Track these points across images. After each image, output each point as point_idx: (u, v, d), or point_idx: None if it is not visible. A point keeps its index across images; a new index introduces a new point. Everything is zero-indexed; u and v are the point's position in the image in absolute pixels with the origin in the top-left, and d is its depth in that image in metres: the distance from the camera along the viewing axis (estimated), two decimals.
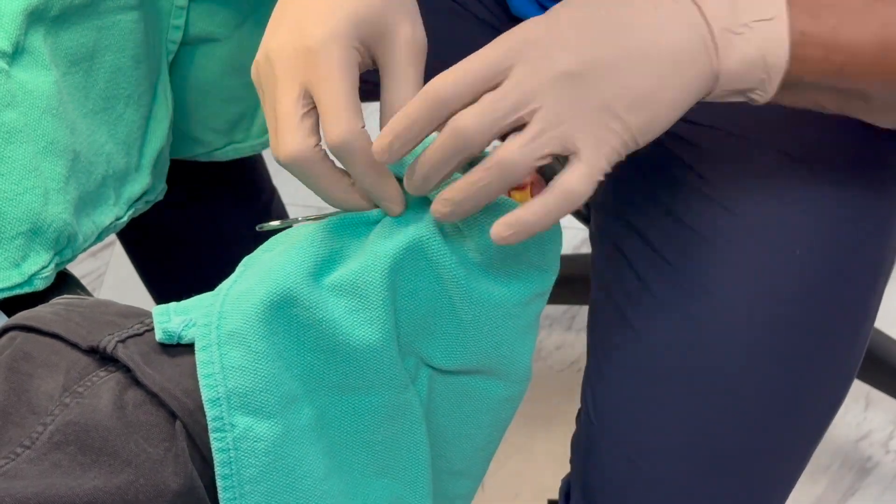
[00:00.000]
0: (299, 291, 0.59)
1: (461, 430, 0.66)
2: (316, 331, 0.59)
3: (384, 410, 0.61)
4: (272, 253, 0.62)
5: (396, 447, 0.63)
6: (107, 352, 0.59)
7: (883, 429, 1.47)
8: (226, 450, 0.57)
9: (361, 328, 0.59)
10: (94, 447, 0.55)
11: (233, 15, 0.90)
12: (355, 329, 0.59)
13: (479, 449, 0.68)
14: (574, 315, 1.55)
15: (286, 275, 0.59)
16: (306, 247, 0.60)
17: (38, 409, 0.57)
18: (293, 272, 0.59)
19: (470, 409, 0.65)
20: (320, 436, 0.61)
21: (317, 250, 0.60)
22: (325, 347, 0.59)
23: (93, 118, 0.80)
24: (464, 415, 0.65)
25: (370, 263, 0.59)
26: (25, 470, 0.54)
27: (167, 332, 0.60)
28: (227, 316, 0.59)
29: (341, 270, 0.60)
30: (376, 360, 0.60)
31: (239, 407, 0.57)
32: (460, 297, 0.61)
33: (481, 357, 0.63)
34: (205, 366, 0.58)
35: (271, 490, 0.58)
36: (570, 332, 1.53)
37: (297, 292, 0.59)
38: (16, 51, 0.74)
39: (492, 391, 0.65)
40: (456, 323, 0.61)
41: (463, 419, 0.65)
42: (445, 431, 0.65)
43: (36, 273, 0.72)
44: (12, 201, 0.71)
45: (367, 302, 0.59)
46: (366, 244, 0.61)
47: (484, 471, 0.70)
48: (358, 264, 0.60)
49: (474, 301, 0.61)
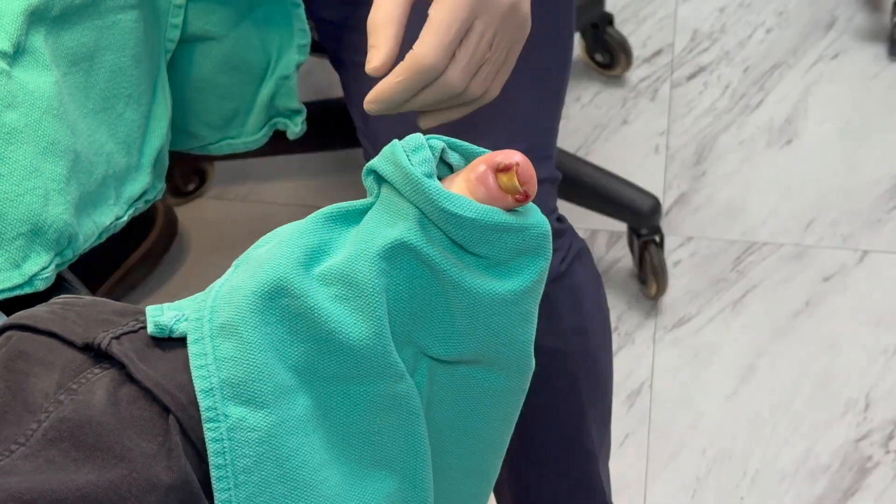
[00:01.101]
0: (290, 281, 0.59)
1: (466, 423, 0.65)
2: (308, 320, 0.59)
3: (380, 400, 0.61)
4: (262, 249, 0.62)
5: (394, 438, 0.62)
6: (101, 348, 0.59)
7: (883, 429, 1.47)
8: (219, 440, 0.57)
9: (352, 317, 0.59)
10: (88, 443, 0.55)
11: (230, 14, 0.90)
12: (347, 318, 0.59)
13: (487, 445, 0.67)
14: None
15: (276, 266, 0.59)
16: (296, 239, 0.60)
17: (33, 406, 0.57)
18: (283, 263, 0.59)
19: (472, 402, 0.65)
20: (316, 426, 0.60)
21: (306, 241, 0.60)
22: (318, 337, 0.59)
23: (93, 118, 0.81)
24: (467, 408, 0.65)
25: (359, 252, 0.59)
26: (20, 466, 0.54)
27: (158, 325, 0.60)
28: (218, 310, 0.59)
29: (331, 260, 0.60)
30: (369, 349, 0.59)
31: (232, 397, 0.57)
32: (451, 288, 0.60)
33: (478, 346, 0.62)
34: (197, 357, 0.58)
35: (265, 480, 0.58)
36: None
37: (287, 282, 0.59)
38: (17, 51, 0.74)
39: (493, 383, 0.64)
40: (450, 313, 0.61)
41: (466, 412, 0.65)
42: (450, 426, 0.65)
43: (36, 274, 0.72)
44: (13, 202, 0.71)
45: (358, 291, 0.59)
46: (356, 233, 0.61)
47: (496, 471, 0.69)
48: (347, 253, 0.59)
49: (465, 292, 0.60)
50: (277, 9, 0.91)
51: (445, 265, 0.60)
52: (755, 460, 1.45)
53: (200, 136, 0.96)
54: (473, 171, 0.59)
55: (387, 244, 0.59)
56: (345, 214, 0.62)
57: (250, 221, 1.69)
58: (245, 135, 0.95)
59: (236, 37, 0.91)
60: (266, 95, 0.94)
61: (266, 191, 1.73)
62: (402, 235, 0.59)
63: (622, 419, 1.49)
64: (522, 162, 0.59)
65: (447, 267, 0.60)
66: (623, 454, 1.46)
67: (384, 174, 0.60)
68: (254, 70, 0.93)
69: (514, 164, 0.59)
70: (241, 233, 1.67)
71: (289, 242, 0.60)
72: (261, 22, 0.91)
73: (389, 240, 0.59)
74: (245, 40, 0.91)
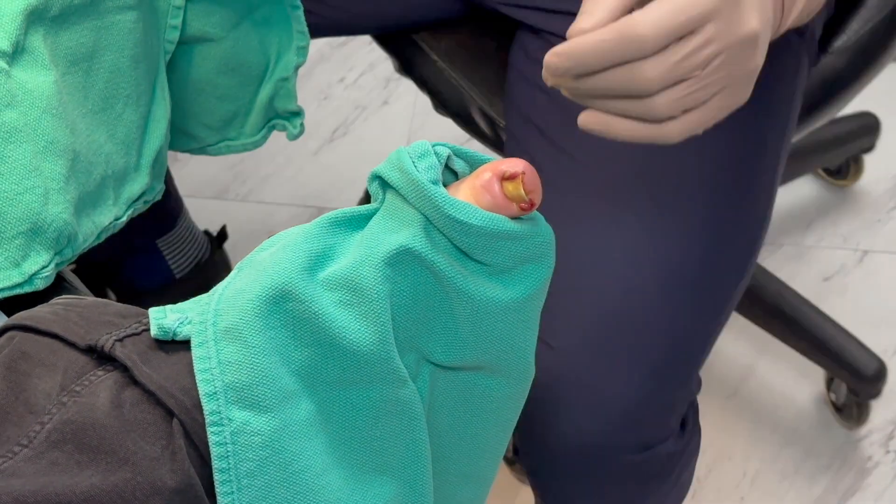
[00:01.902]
0: (294, 286, 0.59)
1: (466, 429, 0.66)
2: (312, 325, 0.59)
3: (382, 405, 0.61)
4: (266, 252, 0.62)
5: (395, 444, 0.62)
6: (104, 351, 0.59)
7: (883, 429, 1.47)
8: (223, 444, 0.57)
9: (356, 322, 0.59)
10: (92, 445, 0.55)
11: (229, 15, 0.90)
12: (351, 323, 0.59)
13: (486, 450, 0.67)
14: None
15: (281, 270, 0.59)
16: (300, 243, 0.60)
17: (35, 408, 0.57)
18: (288, 267, 0.59)
19: (473, 408, 0.65)
20: (319, 431, 0.60)
21: (311, 246, 0.60)
22: (322, 342, 0.59)
23: (92, 118, 0.80)
24: (467, 413, 0.65)
25: (364, 258, 0.59)
26: (23, 468, 0.54)
27: (162, 327, 0.60)
28: (222, 313, 0.59)
29: (335, 265, 0.60)
30: (372, 354, 0.59)
31: (236, 401, 0.58)
32: (455, 294, 0.60)
33: (480, 353, 0.62)
34: (201, 361, 0.58)
35: (269, 484, 0.58)
36: None
37: (292, 287, 0.59)
38: (16, 50, 0.74)
39: (494, 389, 0.64)
40: (453, 319, 0.61)
41: (467, 418, 0.65)
42: (450, 431, 0.65)
43: (36, 273, 0.72)
44: (12, 201, 0.71)
45: (362, 296, 0.59)
46: (360, 239, 0.61)
47: (493, 475, 0.70)
48: (352, 258, 0.59)
49: (469, 299, 0.60)
50: (276, 11, 0.91)
51: (450, 272, 0.60)
52: (755, 460, 1.45)
53: (199, 138, 0.96)
54: (479, 178, 0.59)
55: (391, 250, 0.59)
56: (350, 220, 0.62)
57: (250, 221, 1.69)
58: (244, 136, 0.95)
59: (235, 38, 0.90)
60: (265, 97, 0.94)
61: (266, 191, 1.73)
62: (407, 242, 0.59)
63: None
64: (528, 171, 0.59)
65: (451, 273, 0.60)
66: None
67: (389, 180, 0.60)
68: (253, 72, 0.93)
69: (520, 172, 0.59)
70: (241, 233, 1.67)
71: (293, 247, 0.60)
72: (260, 24, 0.91)
73: (394, 246, 0.59)
74: (244, 42, 0.91)
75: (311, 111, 1.79)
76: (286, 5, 0.91)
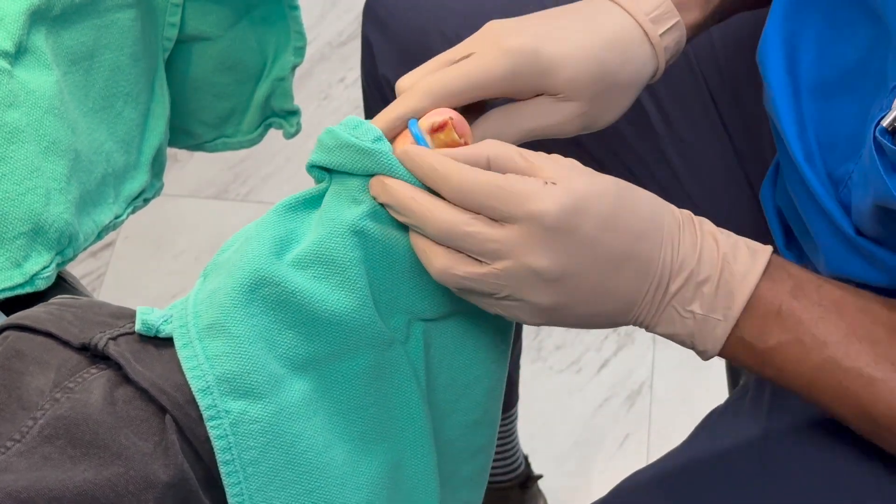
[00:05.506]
0: (267, 271, 0.60)
1: (468, 375, 0.67)
2: (291, 305, 0.60)
3: (371, 371, 0.63)
4: (228, 253, 0.63)
5: (389, 408, 0.64)
6: (98, 349, 0.59)
7: None
8: (224, 436, 0.58)
9: (333, 292, 0.60)
10: (85, 440, 0.56)
11: (227, 14, 0.90)
12: (328, 294, 0.60)
13: (489, 391, 0.69)
14: None
15: (250, 261, 0.60)
16: (262, 232, 0.62)
17: (28, 404, 0.57)
18: (256, 257, 0.61)
19: (470, 350, 0.66)
20: (316, 409, 0.62)
21: (273, 233, 0.62)
22: (304, 320, 0.61)
23: (92, 117, 0.81)
24: (467, 359, 0.66)
25: (329, 231, 0.61)
26: (15, 463, 0.55)
27: (146, 323, 0.61)
28: (201, 314, 0.60)
29: (302, 245, 0.62)
30: (354, 320, 0.61)
31: (229, 392, 0.58)
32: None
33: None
34: (188, 360, 0.59)
35: (273, 469, 0.59)
36: (569, 332, 1.53)
37: (264, 273, 0.60)
38: (18, 51, 0.74)
39: (483, 326, 0.66)
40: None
41: (467, 363, 0.67)
42: (454, 383, 0.67)
43: (37, 273, 0.73)
44: (14, 201, 0.71)
45: (334, 267, 0.60)
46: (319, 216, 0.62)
47: (498, 415, 0.71)
48: (317, 235, 0.61)
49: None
50: (274, 10, 0.91)
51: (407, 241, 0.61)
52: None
53: (197, 135, 0.96)
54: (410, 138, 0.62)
55: (355, 218, 0.61)
56: (304, 202, 0.63)
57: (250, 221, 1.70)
58: (241, 134, 0.96)
59: (233, 37, 0.91)
60: (262, 96, 0.94)
61: (266, 191, 1.73)
62: (368, 207, 0.61)
63: (622, 419, 1.49)
64: (455, 115, 0.62)
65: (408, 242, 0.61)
66: (623, 454, 1.46)
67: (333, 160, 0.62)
68: (250, 70, 0.93)
69: (448, 119, 0.62)
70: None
71: (256, 237, 0.62)
72: (257, 23, 0.91)
73: (356, 214, 0.61)
74: (241, 41, 0.91)
75: (311, 111, 1.79)
76: (284, 5, 0.91)
